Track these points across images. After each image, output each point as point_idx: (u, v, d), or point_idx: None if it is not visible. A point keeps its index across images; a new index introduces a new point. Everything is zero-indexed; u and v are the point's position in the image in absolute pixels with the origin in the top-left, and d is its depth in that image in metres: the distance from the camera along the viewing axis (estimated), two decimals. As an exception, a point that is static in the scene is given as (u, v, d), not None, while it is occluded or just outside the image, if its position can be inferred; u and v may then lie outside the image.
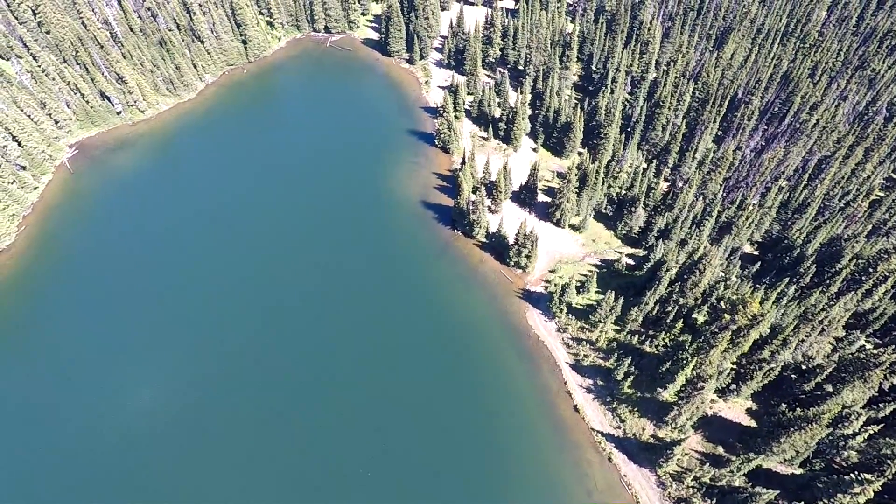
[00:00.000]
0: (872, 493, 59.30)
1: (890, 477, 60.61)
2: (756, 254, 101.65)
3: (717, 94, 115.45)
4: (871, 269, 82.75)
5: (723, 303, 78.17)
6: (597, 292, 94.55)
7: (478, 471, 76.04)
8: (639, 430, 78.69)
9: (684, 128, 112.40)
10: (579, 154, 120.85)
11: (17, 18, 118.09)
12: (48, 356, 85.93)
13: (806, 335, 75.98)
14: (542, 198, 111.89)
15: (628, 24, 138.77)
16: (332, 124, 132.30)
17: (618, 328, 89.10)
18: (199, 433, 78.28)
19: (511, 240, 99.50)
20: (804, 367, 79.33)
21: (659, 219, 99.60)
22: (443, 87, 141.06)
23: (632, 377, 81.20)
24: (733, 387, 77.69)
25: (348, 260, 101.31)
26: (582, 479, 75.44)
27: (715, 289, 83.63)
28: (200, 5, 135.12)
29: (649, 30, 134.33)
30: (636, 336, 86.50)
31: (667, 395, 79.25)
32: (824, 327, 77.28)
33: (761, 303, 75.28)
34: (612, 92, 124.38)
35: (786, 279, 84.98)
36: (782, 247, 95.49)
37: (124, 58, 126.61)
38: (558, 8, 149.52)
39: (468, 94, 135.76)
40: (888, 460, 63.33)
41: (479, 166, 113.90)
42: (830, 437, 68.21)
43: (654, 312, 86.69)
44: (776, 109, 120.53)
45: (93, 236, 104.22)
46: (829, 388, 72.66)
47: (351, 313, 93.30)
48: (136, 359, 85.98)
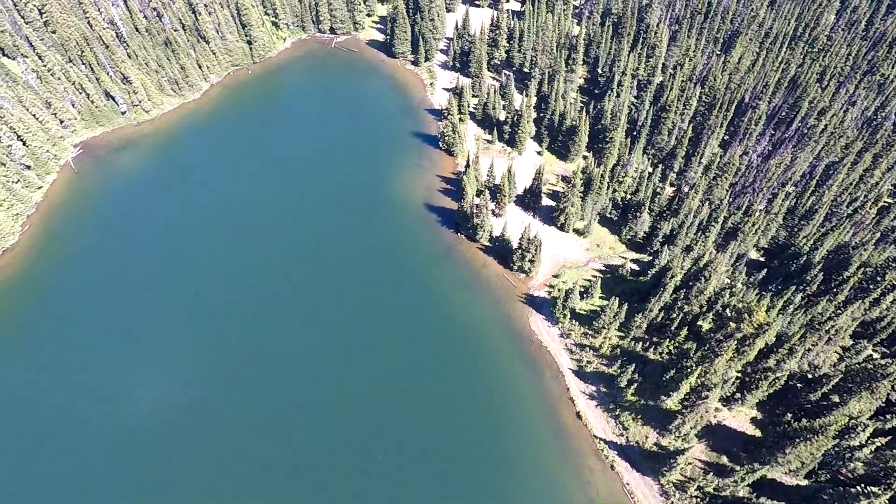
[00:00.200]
0: (879, 507, 58.56)
1: (897, 490, 59.82)
2: (762, 260, 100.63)
3: (724, 99, 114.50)
4: (879, 278, 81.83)
5: (728, 310, 77.45)
6: (601, 298, 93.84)
7: (478, 477, 75.50)
8: (642, 438, 77.99)
9: (690, 132, 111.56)
10: (584, 158, 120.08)
11: (23, 18, 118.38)
12: (51, 355, 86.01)
13: (812, 344, 75.13)
14: (546, 202, 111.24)
15: (635, 27, 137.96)
16: (336, 125, 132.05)
17: (622, 335, 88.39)
18: (202, 433, 78.21)
19: (515, 244, 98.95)
20: (810, 377, 78.48)
21: (664, 224, 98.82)
22: (448, 89, 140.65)
23: (635, 384, 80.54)
24: (738, 395, 76.91)
25: (351, 261, 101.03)
26: (584, 486, 74.81)
27: (720, 296, 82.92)
28: (206, 6, 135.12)
29: (656, 33, 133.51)
30: (640, 343, 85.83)
31: (670, 403, 78.53)
32: (831, 336, 76.40)
33: (767, 311, 74.49)
34: (618, 95, 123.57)
35: (792, 287, 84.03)
36: (789, 254, 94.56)
37: (129, 58, 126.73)
38: (564, 10, 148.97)
39: (473, 96, 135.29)
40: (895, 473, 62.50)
41: (483, 169, 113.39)
42: (837, 449, 67.34)
43: (659, 319, 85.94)
44: (784, 114, 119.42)
45: (96, 236, 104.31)
46: (836, 399, 71.82)
47: (353, 315, 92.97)
48: (140, 358, 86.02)
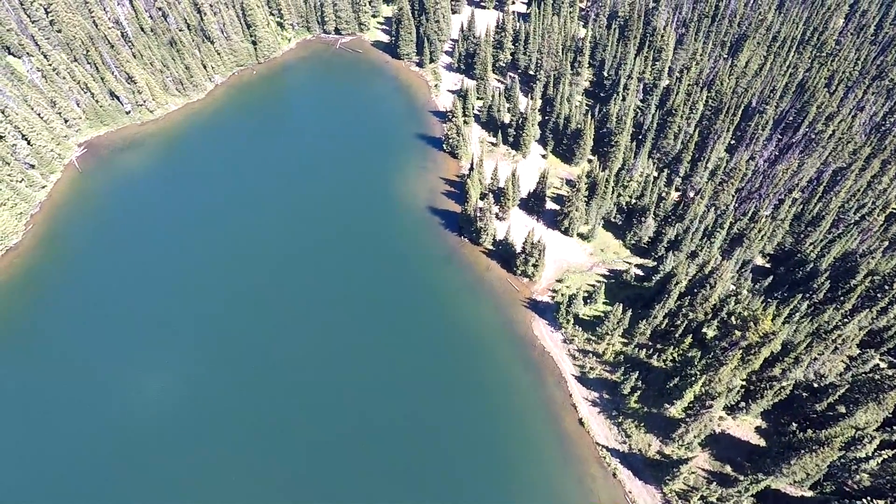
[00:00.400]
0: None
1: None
2: (768, 266, 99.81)
3: (731, 103, 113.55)
4: (887, 286, 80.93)
5: (733, 318, 76.55)
6: (604, 303, 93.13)
7: (479, 483, 75.04)
8: (645, 446, 77.29)
9: (697, 137, 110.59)
10: (589, 161, 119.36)
11: (29, 17, 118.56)
12: (55, 354, 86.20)
13: (819, 353, 74.26)
14: (550, 205, 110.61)
15: (641, 30, 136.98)
16: (340, 126, 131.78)
17: (625, 341, 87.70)
18: (205, 434, 78.33)
19: (518, 248, 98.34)
20: (816, 386, 77.63)
21: (669, 229, 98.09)
22: (452, 91, 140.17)
23: (639, 391, 79.80)
24: (742, 404, 76.03)
25: (353, 263, 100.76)
26: (586, 494, 74.22)
27: (726, 303, 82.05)
28: (211, 6, 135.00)
29: (662, 36, 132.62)
30: (644, 350, 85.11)
31: (674, 410, 77.77)
32: (838, 345, 75.49)
33: (773, 319, 73.67)
34: (624, 99, 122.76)
35: (798, 294, 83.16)
36: (795, 260, 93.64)
37: (134, 57, 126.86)
38: (571, 13, 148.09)
39: (478, 98, 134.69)
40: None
41: (487, 172, 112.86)
42: (843, 460, 66.50)
43: (663, 326, 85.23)
44: (791, 119, 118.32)
45: (100, 235, 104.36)
46: (842, 409, 70.94)
47: (354, 318, 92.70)
48: (143, 357, 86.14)
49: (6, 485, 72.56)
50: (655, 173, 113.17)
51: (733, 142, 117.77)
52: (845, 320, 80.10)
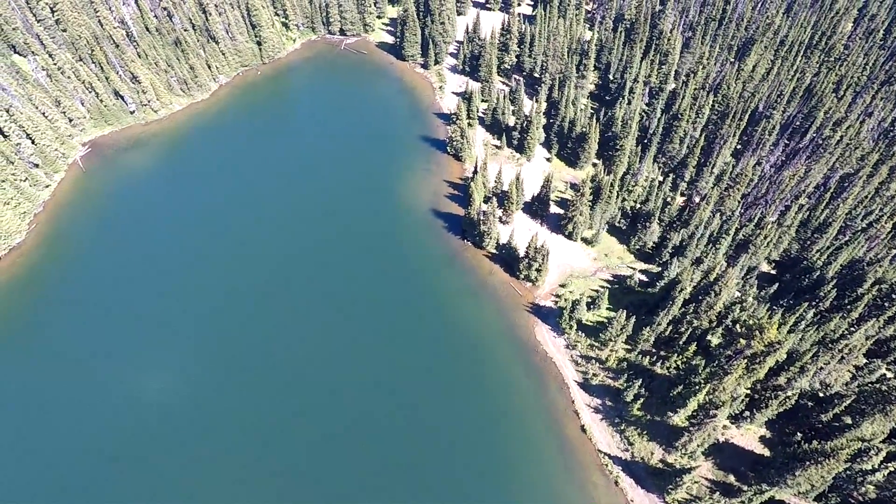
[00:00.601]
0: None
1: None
2: (773, 273, 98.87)
3: (738, 108, 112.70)
4: (894, 295, 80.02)
5: (738, 326, 75.85)
6: (608, 309, 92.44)
7: (480, 488, 74.52)
8: (647, 454, 76.56)
9: (702, 141, 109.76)
10: (594, 165, 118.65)
11: (35, 16, 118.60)
12: (57, 353, 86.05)
13: (825, 363, 73.41)
14: (554, 209, 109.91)
15: (647, 33, 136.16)
16: (344, 127, 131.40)
17: (629, 347, 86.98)
18: (206, 434, 78.17)
19: (522, 252, 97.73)
20: (822, 396, 76.75)
21: (674, 235, 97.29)
22: (457, 94, 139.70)
23: (642, 399, 79.11)
24: (747, 413, 75.25)
25: (355, 264, 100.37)
26: (587, 502, 73.51)
27: (731, 310, 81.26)
28: (216, 6, 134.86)
29: (669, 39, 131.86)
30: (647, 357, 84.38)
31: (677, 419, 77.01)
32: (844, 355, 74.65)
33: (779, 328, 72.87)
34: (630, 102, 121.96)
35: (804, 302, 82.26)
36: (801, 268, 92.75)
37: (139, 57, 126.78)
38: (576, 15, 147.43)
39: (482, 101, 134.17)
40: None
41: (491, 175, 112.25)
42: (848, 472, 65.64)
43: (667, 333, 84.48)
44: (798, 124, 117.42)
45: (104, 235, 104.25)
46: (848, 420, 70.05)
47: (356, 320, 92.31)
48: (145, 357, 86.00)
49: (10, 483, 72.56)
50: (661, 178, 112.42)
51: (739, 147, 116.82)
52: (852, 329, 79.09)
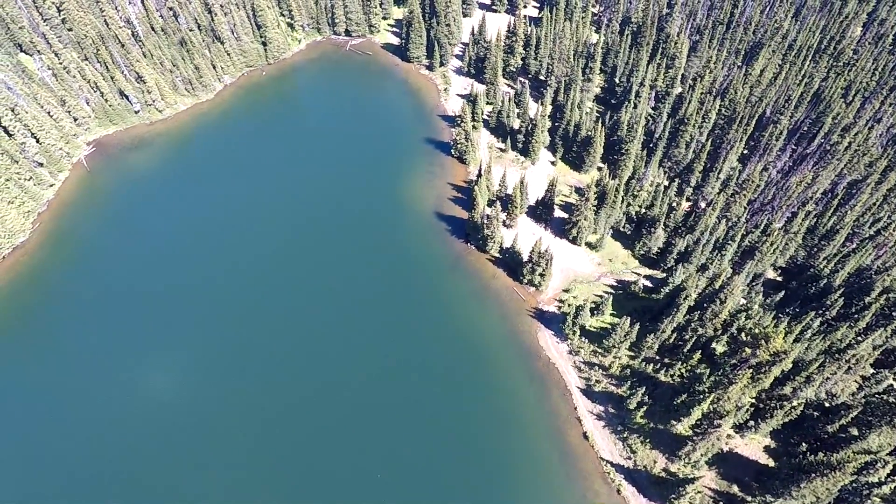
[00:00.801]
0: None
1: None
2: (779, 280, 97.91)
3: (745, 112, 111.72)
4: (902, 305, 78.99)
5: (744, 334, 75.04)
6: (612, 315, 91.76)
7: (480, 494, 74.13)
8: (650, 463, 75.86)
9: (709, 146, 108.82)
10: (599, 169, 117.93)
11: (41, 15, 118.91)
12: (61, 352, 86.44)
13: (831, 373, 72.49)
14: (558, 214, 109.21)
15: (654, 36, 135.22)
16: (348, 129, 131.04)
17: (632, 354, 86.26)
18: (209, 433, 78.55)
19: (525, 256, 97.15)
20: (828, 406, 75.84)
21: (679, 240, 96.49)
22: (462, 96, 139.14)
23: (645, 407, 78.41)
24: (751, 423, 74.43)
25: (358, 267, 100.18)
26: (589, 511, 73.05)
27: (736, 318, 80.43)
28: (222, 6, 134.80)
29: (676, 43, 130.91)
30: (651, 364, 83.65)
31: (681, 427, 76.28)
32: (851, 365, 73.71)
33: (784, 337, 71.98)
34: (636, 106, 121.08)
35: (811, 311, 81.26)
36: (808, 275, 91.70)
37: (144, 57, 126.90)
38: (583, 18, 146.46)
39: (487, 103, 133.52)
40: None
41: (495, 179, 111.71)
42: (854, 485, 64.70)
43: (671, 340, 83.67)
44: (805, 130, 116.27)
45: (107, 234, 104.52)
46: (855, 431, 69.14)
47: (358, 322, 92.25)
48: (148, 356, 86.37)
49: (15, 481, 72.88)
50: (666, 183, 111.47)
51: (746, 152, 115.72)
52: (859, 339, 77.96)
